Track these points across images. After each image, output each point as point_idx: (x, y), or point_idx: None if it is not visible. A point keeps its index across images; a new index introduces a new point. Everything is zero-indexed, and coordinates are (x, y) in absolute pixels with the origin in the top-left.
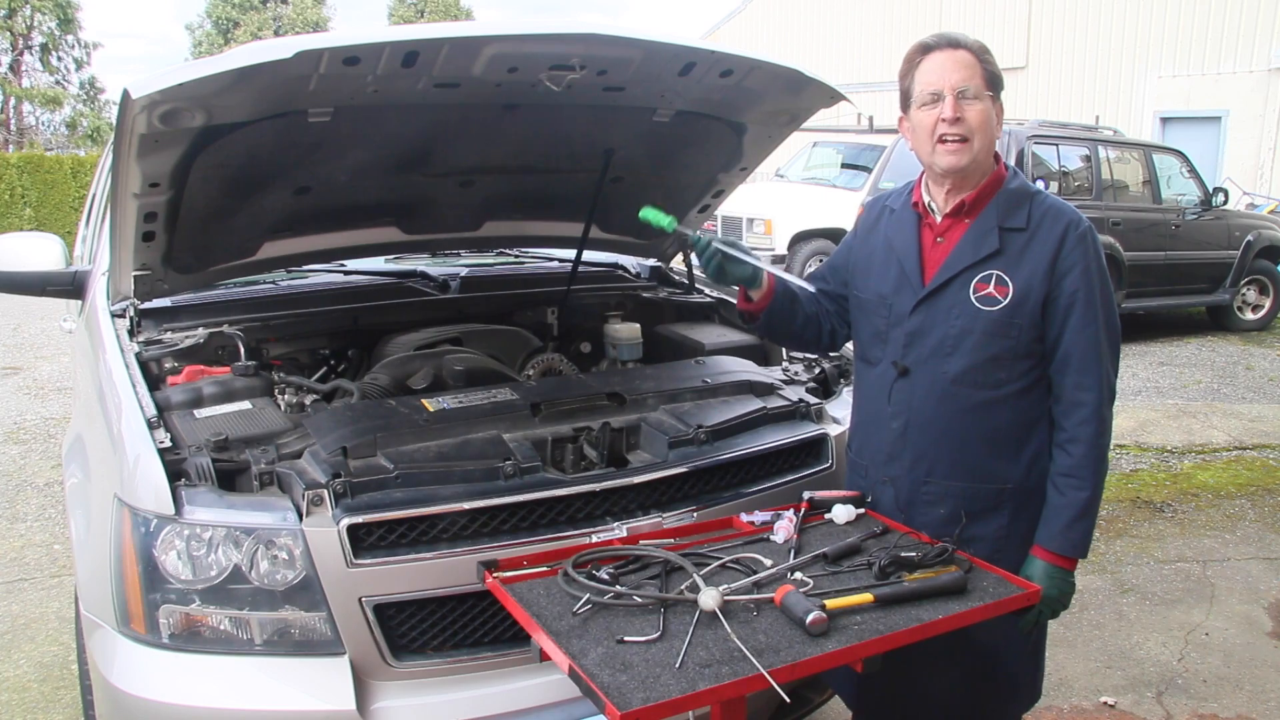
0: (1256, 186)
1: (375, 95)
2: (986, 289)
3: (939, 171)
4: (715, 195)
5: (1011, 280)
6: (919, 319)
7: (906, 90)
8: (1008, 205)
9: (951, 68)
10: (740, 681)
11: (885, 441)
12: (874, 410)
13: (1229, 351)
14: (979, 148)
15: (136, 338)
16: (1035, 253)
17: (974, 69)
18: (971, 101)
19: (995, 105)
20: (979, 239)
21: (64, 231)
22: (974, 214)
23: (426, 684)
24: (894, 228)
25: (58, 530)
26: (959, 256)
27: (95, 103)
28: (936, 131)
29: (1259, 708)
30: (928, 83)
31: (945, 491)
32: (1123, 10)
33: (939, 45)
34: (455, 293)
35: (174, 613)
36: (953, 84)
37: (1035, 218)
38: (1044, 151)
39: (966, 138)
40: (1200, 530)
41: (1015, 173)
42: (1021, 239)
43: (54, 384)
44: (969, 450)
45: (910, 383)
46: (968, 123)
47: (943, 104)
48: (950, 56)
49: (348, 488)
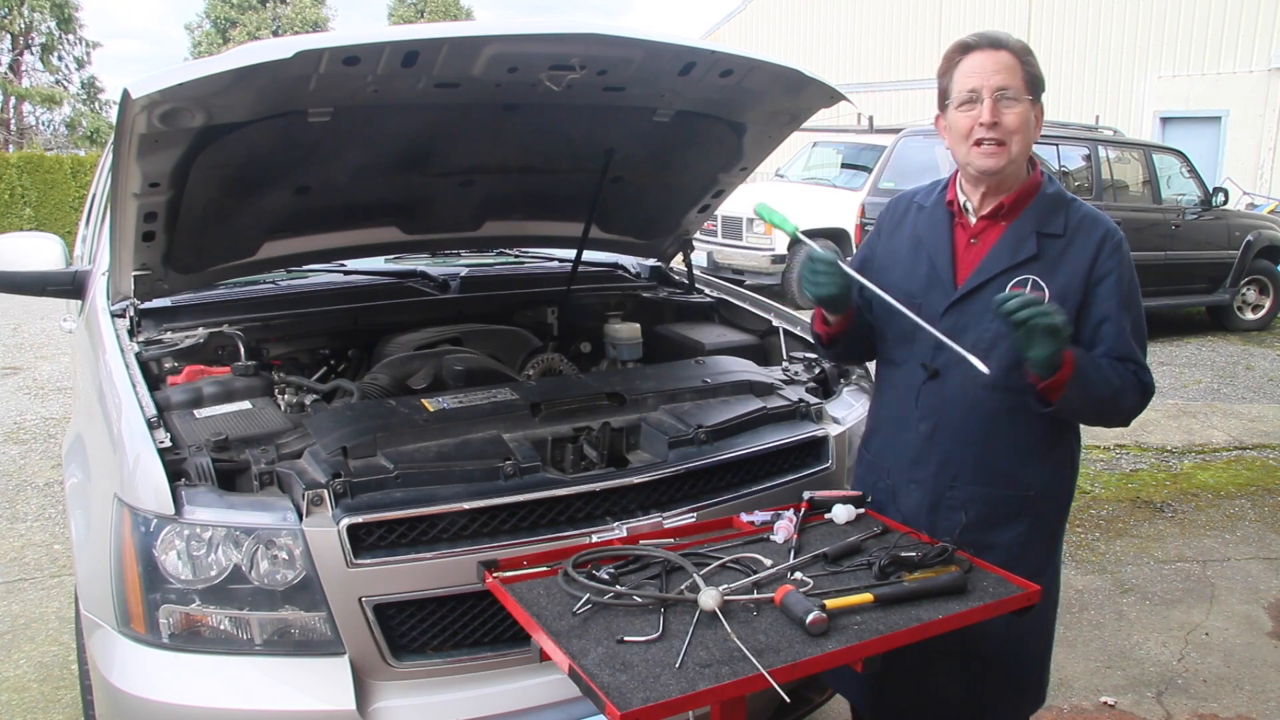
0: (1256, 186)
1: (375, 95)
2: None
3: (974, 173)
4: (715, 195)
5: (1048, 286)
6: (951, 321)
7: (945, 89)
8: (1046, 211)
9: (992, 69)
10: (740, 681)
11: (911, 444)
12: (899, 412)
13: (1229, 351)
14: (1016, 151)
15: (136, 338)
16: (1072, 259)
17: (1015, 70)
18: (1011, 104)
19: (1035, 108)
20: (1016, 243)
21: (64, 231)
22: (1011, 217)
23: (426, 684)
24: (924, 225)
25: (58, 530)
26: (995, 259)
27: (95, 103)
28: (974, 134)
29: (1259, 708)
30: (966, 83)
31: (971, 497)
32: (1123, 10)
33: (980, 45)
34: (455, 293)
35: (174, 613)
36: (992, 86)
37: (1072, 224)
38: (1044, 151)
39: (1004, 141)
40: (1200, 530)
41: (1052, 179)
42: (1058, 245)
43: (54, 384)
44: (996, 456)
45: (941, 385)
46: (1005, 126)
47: (981, 106)
48: (991, 57)
49: (348, 488)
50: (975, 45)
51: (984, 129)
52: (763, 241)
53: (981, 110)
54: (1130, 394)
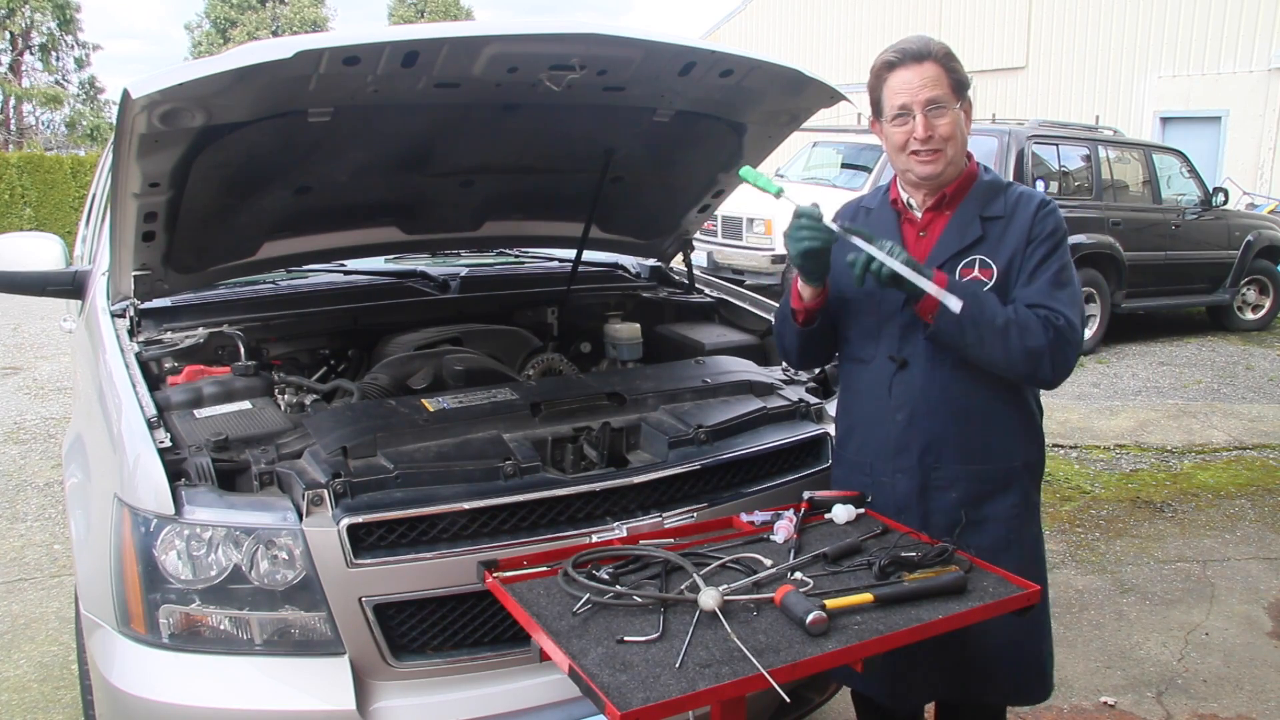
0: (1256, 186)
1: (375, 95)
2: (972, 273)
3: (914, 180)
4: (715, 195)
5: (995, 262)
6: (910, 312)
7: (876, 101)
8: (986, 196)
9: (919, 84)
10: (740, 681)
11: (891, 436)
12: (872, 407)
13: (1229, 351)
14: (953, 154)
15: (136, 338)
16: (1013, 234)
17: (940, 80)
18: (941, 113)
19: (964, 106)
20: (962, 228)
21: (64, 231)
22: (954, 206)
23: (426, 684)
24: (874, 226)
25: (58, 530)
26: (944, 246)
27: (95, 103)
28: (909, 146)
29: (1259, 708)
30: (896, 100)
31: (957, 475)
32: (1123, 10)
33: (903, 61)
34: (455, 293)
35: (174, 613)
36: (921, 100)
37: (1010, 204)
38: (1044, 151)
39: (939, 149)
40: (1200, 530)
41: (986, 168)
42: (1000, 225)
43: (54, 384)
44: (975, 432)
45: (910, 374)
46: (939, 135)
47: (914, 121)
48: (917, 72)
49: (348, 488)
50: (899, 62)
51: (919, 142)
52: (763, 241)
53: (915, 125)
54: (1033, 333)
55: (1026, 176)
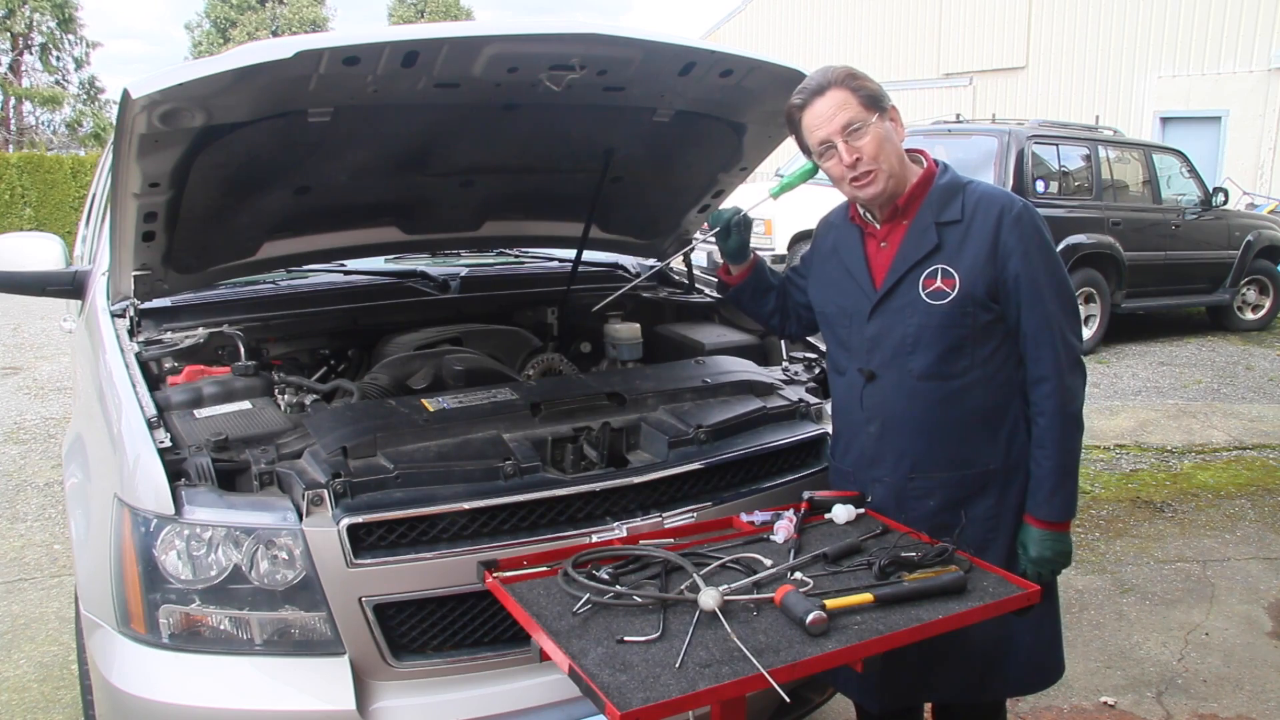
0: (1256, 186)
1: (375, 95)
2: (934, 284)
3: (862, 203)
4: (715, 195)
5: (956, 272)
6: (877, 324)
7: (803, 147)
8: (941, 200)
9: (828, 114)
10: (740, 681)
11: (867, 446)
12: (849, 417)
13: (1229, 351)
14: (889, 168)
15: (136, 338)
16: (973, 242)
17: (848, 102)
18: (860, 133)
19: (886, 118)
20: (918, 237)
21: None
22: (910, 214)
23: (426, 684)
24: (839, 241)
25: (58, 530)
26: (903, 257)
27: (95, 103)
28: (845, 175)
29: (1259, 708)
30: (815, 137)
31: (932, 484)
32: (1123, 10)
33: (808, 100)
34: (455, 293)
35: (174, 613)
36: (836, 128)
37: (969, 208)
38: (1044, 151)
39: (872, 169)
40: (1200, 530)
41: (946, 167)
42: (958, 231)
43: (54, 384)
44: (947, 440)
45: (879, 386)
46: (867, 155)
47: (837, 151)
48: (823, 104)
49: (348, 488)
50: (805, 103)
51: (849, 169)
52: (763, 242)
53: (840, 154)
54: (1066, 405)
55: (1026, 176)
